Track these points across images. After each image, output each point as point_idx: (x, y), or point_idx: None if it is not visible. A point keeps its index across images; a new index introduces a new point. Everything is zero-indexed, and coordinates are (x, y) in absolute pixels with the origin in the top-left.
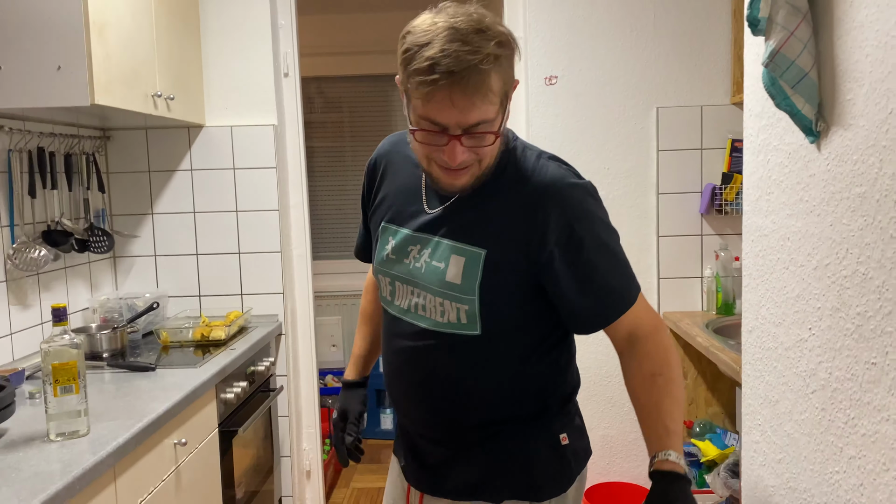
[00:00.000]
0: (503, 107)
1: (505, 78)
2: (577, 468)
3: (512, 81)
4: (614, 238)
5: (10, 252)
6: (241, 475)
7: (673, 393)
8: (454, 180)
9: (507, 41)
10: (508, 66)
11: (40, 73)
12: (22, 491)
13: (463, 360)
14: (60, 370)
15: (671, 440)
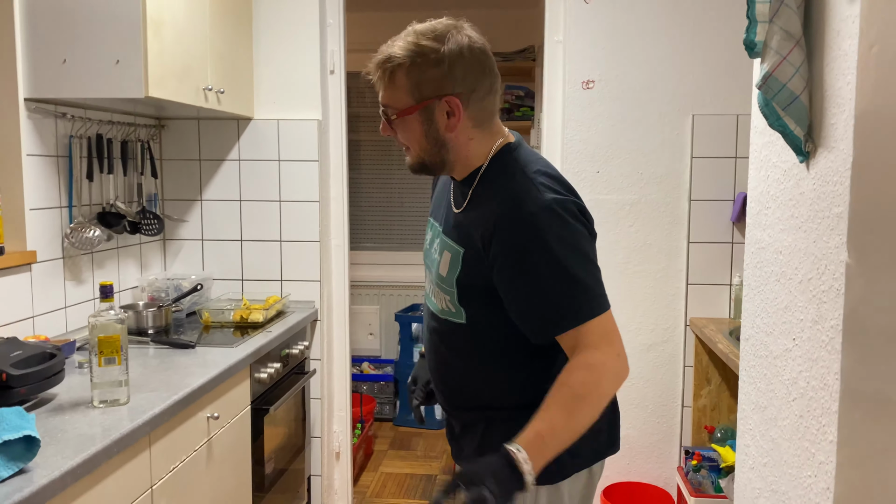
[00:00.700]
0: (413, 104)
1: (416, 79)
2: (574, 464)
3: (438, 87)
4: (572, 257)
5: (68, 231)
6: (271, 452)
7: (569, 408)
8: (406, 155)
9: (423, 51)
10: (416, 78)
11: (100, 66)
12: (66, 449)
13: (455, 346)
14: (105, 343)
15: (534, 443)
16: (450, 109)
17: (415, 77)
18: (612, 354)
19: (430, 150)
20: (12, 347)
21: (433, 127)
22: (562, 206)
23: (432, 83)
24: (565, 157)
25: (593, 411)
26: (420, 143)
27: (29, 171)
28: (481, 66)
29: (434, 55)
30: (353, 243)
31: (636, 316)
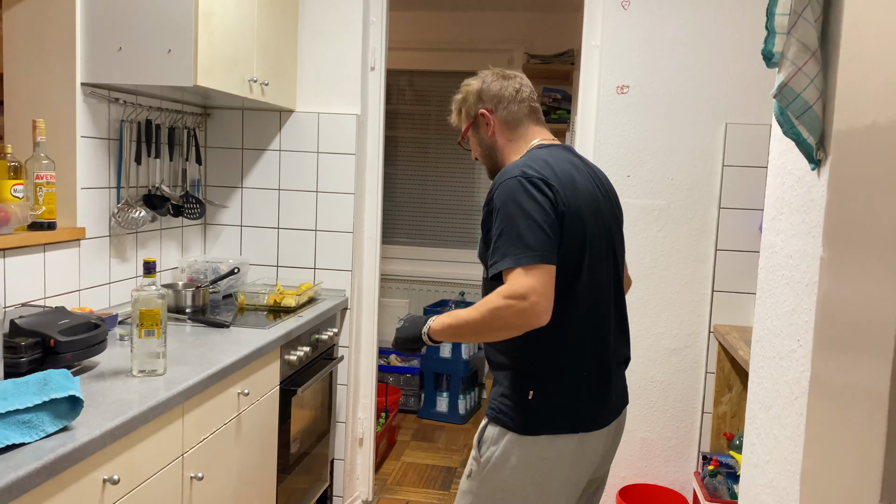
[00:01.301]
0: (467, 120)
1: (457, 107)
2: (544, 426)
3: (475, 107)
4: (520, 217)
5: (115, 211)
6: (297, 433)
7: (475, 310)
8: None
9: (463, 95)
10: (460, 105)
11: (153, 55)
12: (106, 412)
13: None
14: (146, 315)
15: (440, 320)
16: (486, 120)
17: (464, 109)
18: (516, 296)
19: (487, 155)
20: (60, 316)
21: (481, 136)
22: (526, 178)
23: (472, 108)
24: (597, 160)
25: (489, 323)
26: (480, 152)
27: (82, 152)
28: (500, 86)
29: (469, 91)
30: (387, 237)
31: (660, 320)
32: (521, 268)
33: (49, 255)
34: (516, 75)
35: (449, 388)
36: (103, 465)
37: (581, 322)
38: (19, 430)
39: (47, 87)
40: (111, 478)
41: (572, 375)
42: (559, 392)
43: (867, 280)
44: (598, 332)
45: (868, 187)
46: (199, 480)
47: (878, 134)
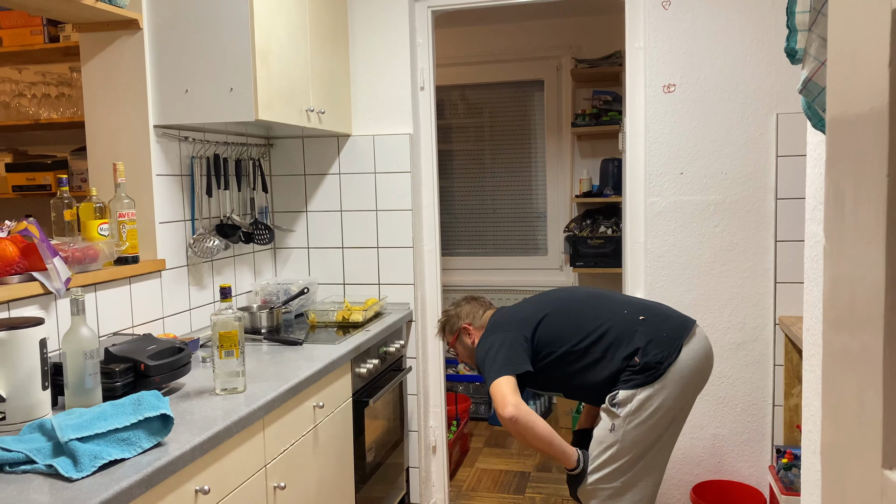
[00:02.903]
0: (451, 337)
1: (443, 330)
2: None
3: (456, 327)
4: (485, 356)
5: (191, 241)
6: (371, 442)
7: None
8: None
9: (444, 324)
10: (447, 330)
11: (217, 94)
12: (194, 428)
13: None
14: (225, 337)
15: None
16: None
17: (450, 329)
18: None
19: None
20: (148, 342)
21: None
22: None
23: (454, 331)
24: (648, 159)
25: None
26: (466, 355)
27: (158, 189)
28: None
29: (452, 323)
30: (447, 249)
31: (724, 315)
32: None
33: (134, 286)
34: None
35: None
36: (194, 477)
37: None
38: (119, 447)
39: (124, 131)
40: (202, 488)
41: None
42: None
43: (859, 265)
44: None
45: (852, 178)
46: (281, 490)
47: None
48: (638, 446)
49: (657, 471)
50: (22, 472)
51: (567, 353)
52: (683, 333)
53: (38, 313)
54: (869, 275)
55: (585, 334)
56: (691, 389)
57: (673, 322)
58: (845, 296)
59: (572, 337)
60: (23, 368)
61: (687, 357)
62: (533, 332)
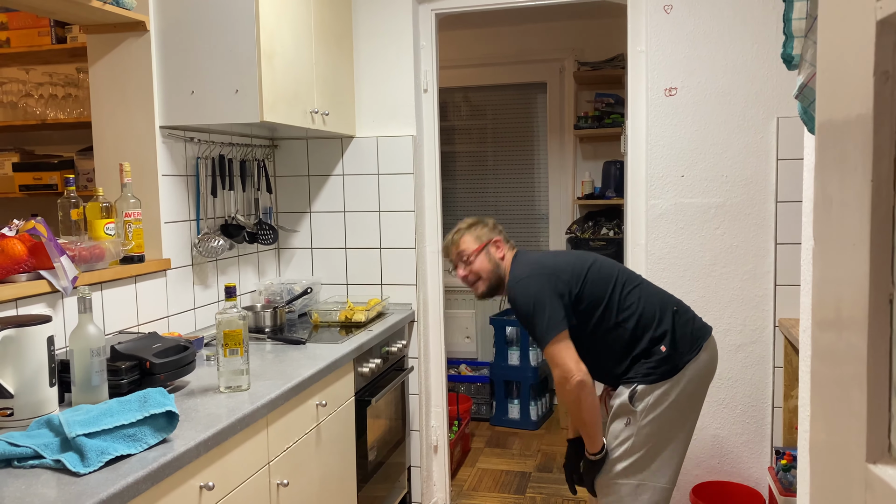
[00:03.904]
0: (480, 246)
1: (476, 234)
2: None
3: (489, 237)
4: (534, 307)
5: (196, 241)
6: (373, 441)
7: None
8: (475, 291)
9: (474, 225)
10: (477, 233)
11: (222, 96)
12: (199, 425)
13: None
14: (229, 336)
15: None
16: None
17: (474, 236)
18: (567, 376)
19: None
20: (153, 341)
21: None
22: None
23: (481, 239)
24: (650, 161)
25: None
26: (487, 271)
27: (164, 190)
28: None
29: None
30: None
31: (724, 317)
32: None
33: (140, 285)
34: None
35: (519, 395)
36: (199, 473)
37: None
38: (125, 443)
39: (130, 132)
40: (206, 484)
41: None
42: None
43: (844, 267)
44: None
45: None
46: (284, 487)
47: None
48: (651, 441)
49: (671, 474)
50: (30, 466)
51: (603, 314)
52: (705, 335)
53: (46, 311)
54: (854, 276)
55: (624, 300)
56: (702, 392)
57: (698, 323)
58: (832, 297)
59: (612, 299)
60: (31, 365)
61: (704, 359)
62: (581, 282)
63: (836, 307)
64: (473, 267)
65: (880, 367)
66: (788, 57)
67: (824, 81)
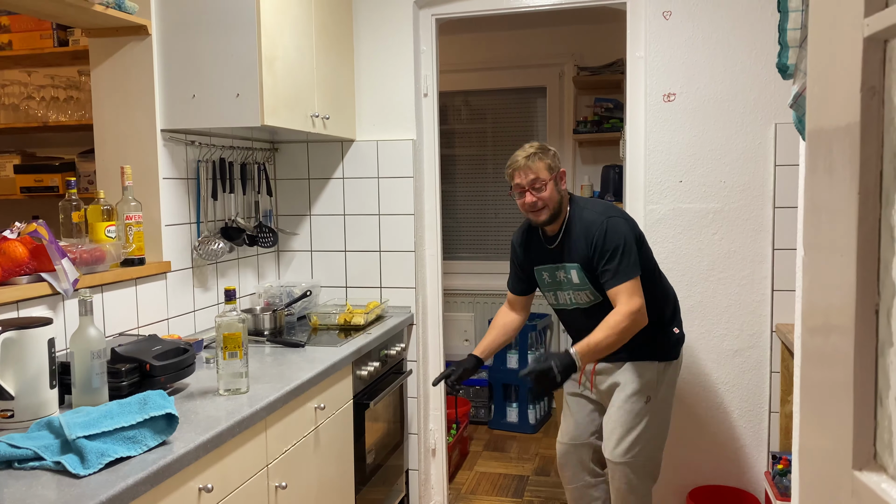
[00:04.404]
0: (552, 175)
1: (548, 162)
2: (671, 356)
3: (558, 168)
4: (625, 244)
5: (196, 244)
6: (371, 444)
7: (608, 335)
8: (536, 217)
9: (545, 152)
10: (550, 162)
11: (223, 100)
12: (198, 428)
13: (601, 315)
14: (229, 339)
15: (585, 348)
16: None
17: (548, 164)
18: (635, 310)
19: (557, 204)
20: (153, 343)
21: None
22: (617, 219)
23: (555, 168)
24: (648, 167)
25: (622, 340)
26: (555, 200)
27: (164, 192)
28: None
29: (550, 154)
30: (449, 253)
31: (721, 322)
32: (634, 281)
33: (140, 288)
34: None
35: (518, 398)
36: (198, 475)
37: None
38: (125, 445)
39: (131, 135)
40: (205, 486)
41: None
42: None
43: (832, 276)
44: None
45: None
46: (283, 489)
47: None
48: (661, 417)
49: (663, 448)
50: (30, 468)
51: (650, 279)
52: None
53: (47, 313)
54: (841, 286)
55: (661, 275)
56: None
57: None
58: (821, 304)
59: (656, 271)
60: (31, 367)
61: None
62: (643, 245)
63: (824, 315)
64: (544, 195)
65: (866, 375)
66: (783, 66)
67: (814, 95)
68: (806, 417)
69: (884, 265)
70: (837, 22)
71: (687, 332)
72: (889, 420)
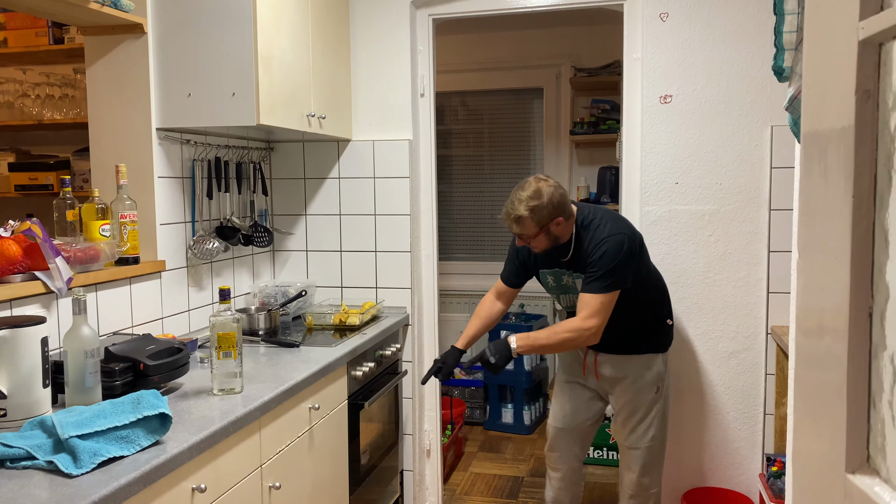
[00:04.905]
0: (541, 229)
1: (537, 219)
2: (662, 348)
3: (550, 218)
4: (616, 264)
5: (191, 243)
6: (366, 445)
7: (551, 339)
8: (534, 249)
9: (535, 206)
10: (538, 216)
11: (219, 99)
12: (192, 427)
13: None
14: (223, 339)
15: (524, 339)
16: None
17: (536, 219)
18: (591, 324)
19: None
20: (147, 342)
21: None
22: (619, 241)
23: (548, 218)
24: (644, 168)
25: (556, 347)
26: (545, 242)
27: (159, 191)
28: (559, 195)
29: (542, 204)
30: (445, 254)
31: (717, 324)
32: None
33: (134, 287)
34: (549, 178)
35: (513, 399)
36: (191, 476)
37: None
38: (118, 445)
39: (127, 133)
40: (199, 487)
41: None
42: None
43: (826, 278)
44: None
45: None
46: (276, 490)
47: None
48: (668, 405)
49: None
50: (23, 467)
51: (647, 279)
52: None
53: (40, 312)
54: (835, 289)
55: (656, 271)
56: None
57: None
58: (815, 307)
59: (652, 269)
60: (24, 366)
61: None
62: (642, 250)
63: (818, 317)
64: (533, 243)
65: (859, 378)
66: (779, 69)
67: (809, 98)
68: (800, 420)
69: (878, 268)
70: (833, 25)
71: (682, 333)
72: (882, 423)
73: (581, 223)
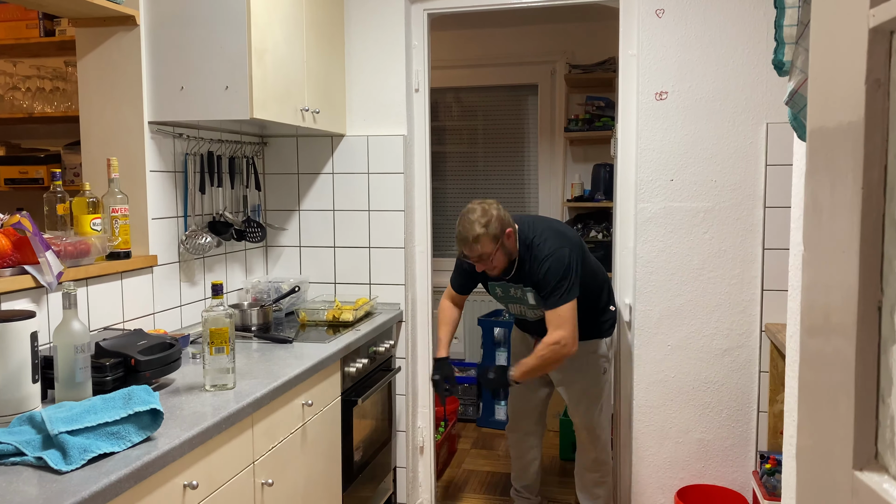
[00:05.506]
0: (496, 243)
1: (492, 234)
2: (604, 333)
3: (502, 231)
4: (563, 276)
5: (183, 238)
6: (359, 441)
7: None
8: (491, 273)
9: (486, 221)
10: (492, 231)
11: (212, 92)
12: (183, 423)
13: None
14: (215, 334)
15: (520, 367)
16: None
17: (490, 237)
18: (564, 336)
19: (508, 259)
20: (139, 338)
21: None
22: (563, 252)
23: (500, 235)
24: (640, 165)
25: (543, 366)
26: (502, 261)
27: (151, 185)
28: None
29: (493, 224)
30: (439, 250)
31: (711, 321)
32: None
33: (126, 282)
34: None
35: (506, 397)
36: (183, 472)
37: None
38: (109, 441)
39: (118, 127)
40: (191, 483)
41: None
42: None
43: (834, 274)
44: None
45: (829, 189)
46: (269, 486)
47: (833, 139)
48: (611, 381)
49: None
50: (11, 463)
51: (594, 278)
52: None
53: (30, 307)
54: (843, 283)
55: (598, 266)
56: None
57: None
58: (821, 303)
59: (594, 266)
60: (13, 361)
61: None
62: (585, 253)
63: (824, 314)
64: (492, 262)
65: (868, 374)
66: (779, 63)
67: (816, 88)
68: (804, 417)
69: (887, 261)
70: (841, 13)
71: (676, 330)
72: (891, 419)
73: (523, 241)
